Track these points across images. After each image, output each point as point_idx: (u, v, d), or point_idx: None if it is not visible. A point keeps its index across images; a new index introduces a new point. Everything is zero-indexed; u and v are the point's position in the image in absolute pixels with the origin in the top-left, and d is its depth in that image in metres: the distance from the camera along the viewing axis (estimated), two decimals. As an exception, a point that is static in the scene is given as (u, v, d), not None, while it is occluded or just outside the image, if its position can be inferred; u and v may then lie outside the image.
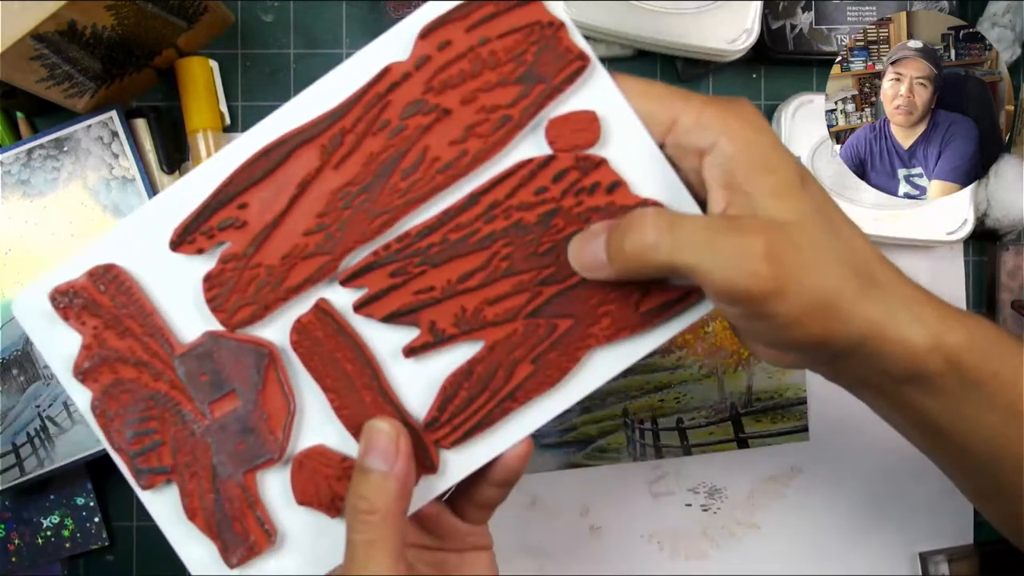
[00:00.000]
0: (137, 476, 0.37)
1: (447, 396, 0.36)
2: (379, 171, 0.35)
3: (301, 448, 0.37)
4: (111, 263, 0.36)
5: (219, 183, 0.36)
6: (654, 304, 0.35)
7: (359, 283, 0.36)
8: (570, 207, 0.35)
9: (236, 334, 0.36)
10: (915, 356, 0.32)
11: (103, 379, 0.37)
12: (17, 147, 0.53)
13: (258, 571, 0.37)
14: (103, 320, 0.36)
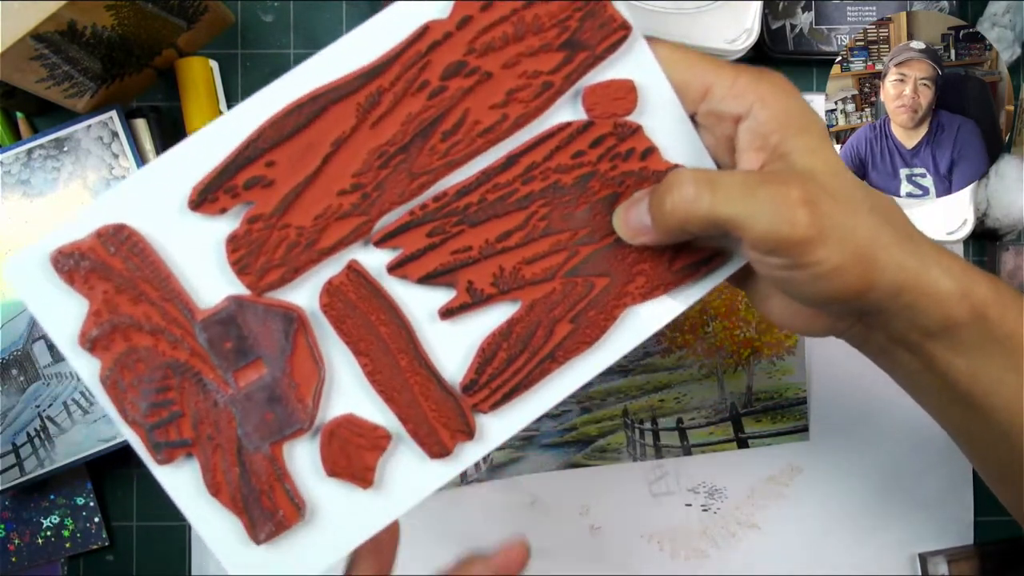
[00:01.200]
0: (154, 451, 0.35)
1: (486, 357, 0.35)
2: (418, 132, 0.34)
3: (331, 417, 0.35)
4: (122, 223, 0.34)
5: (243, 139, 0.34)
6: (687, 262, 0.36)
7: (394, 243, 0.35)
8: (605, 171, 0.35)
9: (263, 298, 0.35)
10: (945, 306, 0.32)
11: (115, 347, 0.34)
12: (17, 147, 0.54)
13: (286, 546, 0.35)
14: (114, 284, 0.34)
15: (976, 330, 0.33)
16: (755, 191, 0.31)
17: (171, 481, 0.36)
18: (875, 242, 0.31)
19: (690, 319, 0.57)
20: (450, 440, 0.35)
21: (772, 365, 0.57)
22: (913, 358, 0.35)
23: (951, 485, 0.58)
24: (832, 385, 0.58)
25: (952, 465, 0.58)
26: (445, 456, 0.36)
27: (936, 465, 0.58)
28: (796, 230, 0.30)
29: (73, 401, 0.53)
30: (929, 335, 0.34)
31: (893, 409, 0.58)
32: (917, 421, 0.58)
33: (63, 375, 0.53)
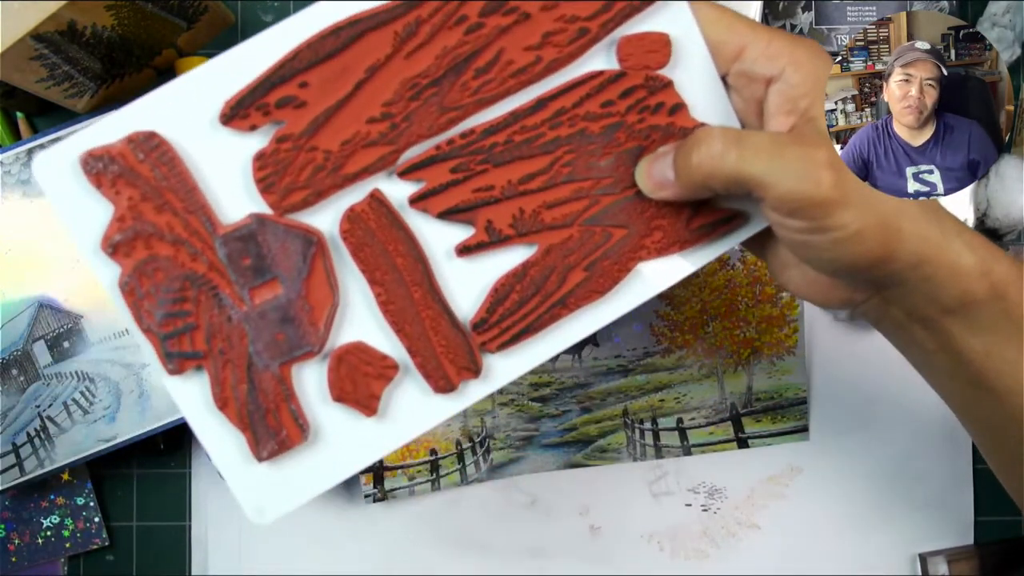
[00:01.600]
0: (166, 360, 0.35)
1: (498, 297, 0.36)
2: (452, 66, 0.34)
3: (341, 343, 0.36)
4: (153, 131, 0.34)
5: (279, 57, 0.34)
6: (705, 221, 0.36)
7: (418, 175, 0.35)
8: (633, 123, 0.35)
9: (284, 218, 0.35)
10: (965, 281, 0.32)
11: (136, 254, 0.34)
12: (17, 147, 0.53)
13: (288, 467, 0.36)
14: (140, 191, 0.34)
15: (994, 310, 0.33)
16: (782, 151, 0.31)
17: (180, 392, 0.35)
18: (899, 211, 0.31)
19: (690, 319, 0.57)
20: (456, 376, 0.36)
21: (772, 365, 0.57)
22: (929, 335, 0.35)
23: (951, 485, 0.58)
24: (832, 385, 0.58)
25: (952, 465, 0.58)
26: (450, 391, 0.36)
27: (936, 465, 0.58)
28: (820, 190, 0.30)
29: (73, 401, 0.53)
30: (947, 311, 0.34)
31: (893, 409, 0.58)
32: (917, 421, 0.58)
33: (63, 375, 0.53)
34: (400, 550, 0.58)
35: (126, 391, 0.53)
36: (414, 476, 0.56)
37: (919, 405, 0.57)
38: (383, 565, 0.58)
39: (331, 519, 0.58)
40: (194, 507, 0.58)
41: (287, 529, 0.58)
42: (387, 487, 0.56)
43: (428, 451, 0.56)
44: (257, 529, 0.58)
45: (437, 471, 0.56)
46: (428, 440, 0.56)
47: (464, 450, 0.57)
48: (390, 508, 0.58)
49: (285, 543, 0.58)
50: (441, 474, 0.56)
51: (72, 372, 0.54)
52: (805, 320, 0.57)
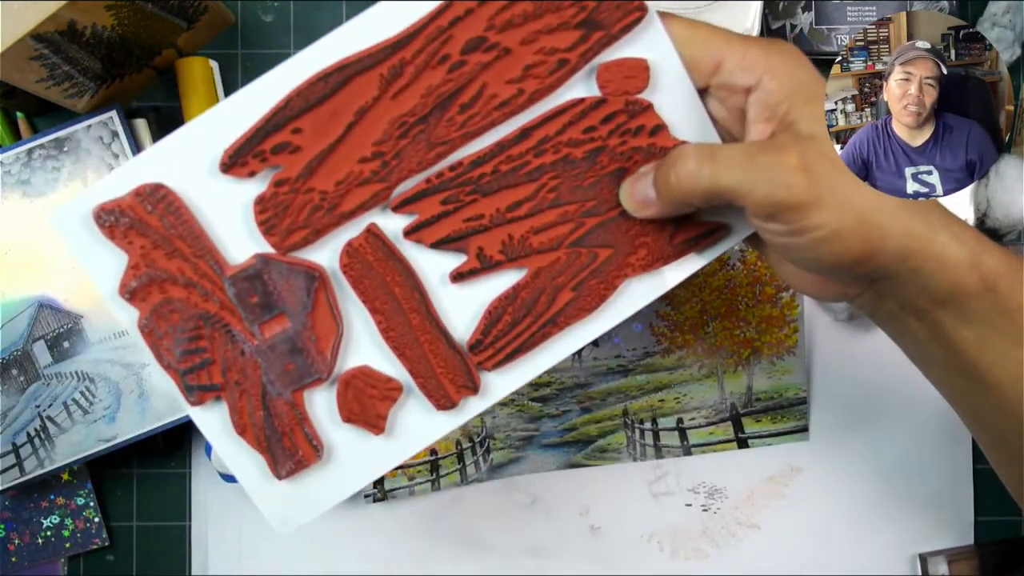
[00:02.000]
0: (187, 393, 0.37)
1: (492, 320, 0.38)
2: (437, 103, 0.36)
3: (348, 368, 0.38)
4: (159, 183, 0.36)
5: (272, 106, 0.35)
6: (687, 236, 0.37)
7: (411, 209, 0.37)
8: (615, 146, 0.36)
9: (287, 257, 0.37)
10: (955, 273, 0.33)
11: (151, 298, 0.37)
12: (17, 147, 0.53)
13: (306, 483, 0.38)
14: (151, 240, 0.36)
15: (985, 301, 0.33)
16: (752, 160, 0.32)
17: (203, 421, 0.38)
18: (879, 207, 0.32)
19: (690, 319, 0.57)
20: (455, 394, 0.38)
21: (772, 365, 0.57)
22: (922, 327, 0.35)
23: (951, 485, 0.58)
24: (832, 385, 0.58)
25: (952, 465, 0.58)
26: (451, 408, 0.38)
27: (936, 465, 0.58)
28: (792, 194, 0.31)
29: (73, 401, 0.53)
30: (938, 302, 0.34)
31: (893, 409, 0.58)
32: (917, 421, 0.58)
33: (63, 375, 0.53)
34: (400, 550, 0.58)
35: (126, 391, 0.53)
36: (414, 476, 0.56)
37: (919, 405, 0.57)
38: (383, 565, 0.58)
39: (331, 519, 0.58)
40: (194, 507, 0.58)
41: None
42: (387, 487, 0.56)
43: (428, 451, 0.56)
44: (257, 529, 0.58)
45: (437, 471, 0.56)
46: (428, 440, 0.56)
47: (464, 450, 0.57)
48: (390, 508, 0.58)
49: (285, 543, 0.58)
50: (441, 474, 0.56)
51: (72, 372, 0.54)
52: (805, 320, 0.57)
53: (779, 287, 0.56)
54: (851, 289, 0.36)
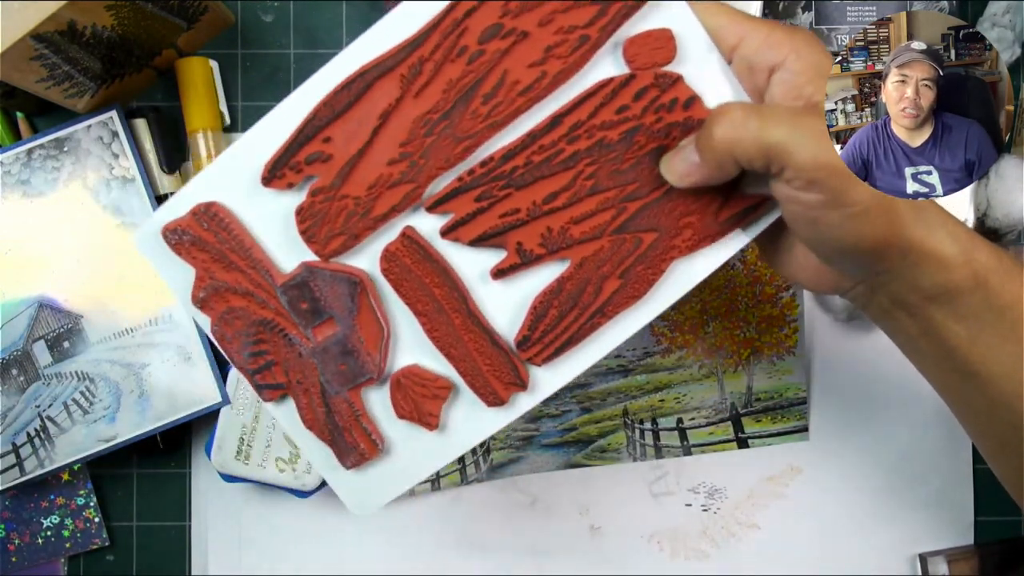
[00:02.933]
0: (259, 391, 0.40)
1: (538, 314, 0.37)
2: (459, 97, 0.36)
3: (398, 367, 0.39)
4: (211, 201, 0.38)
5: (303, 118, 0.36)
6: (733, 211, 0.36)
7: (445, 208, 0.37)
8: (651, 124, 0.35)
9: (330, 263, 0.38)
10: (948, 269, 0.33)
11: (217, 307, 0.39)
12: (17, 147, 0.53)
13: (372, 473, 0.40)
14: (210, 254, 0.39)
15: (977, 298, 0.34)
16: (802, 119, 0.31)
17: (279, 415, 0.40)
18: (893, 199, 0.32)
19: (690, 319, 0.57)
20: (504, 391, 0.38)
21: (772, 365, 0.57)
22: (914, 322, 0.35)
23: (951, 485, 0.58)
24: (832, 385, 0.58)
25: (952, 465, 0.58)
26: (500, 405, 0.38)
27: (936, 465, 0.58)
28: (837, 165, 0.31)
29: (73, 401, 0.53)
30: (930, 299, 0.34)
31: (893, 409, 0.58)
32: (917, 421, 0.58)
33: (63, 375, 0.54)
34: (400, 550, 0.58)
35: (126, 391, 0.53)
36: (414, 476, 0.56)
37: (919, 405, 0.57)
38: (383, 565, 0.58)
39: (331, 519, 0.58)
40: (194, 507, 0.58)
41: (287, 529, 0.58)
42: (387, 487, 0.56)
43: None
44: (257, 529, 0.58)
45: (437, 471, 0.56)
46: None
47: (464, 450, 0.57)
48: (390, 508, 0.58)
49: (285, 543, 0.58)
50: (441, 474, 0.56)
51: (72, 372, 0.54)
52: (805, 320, 0.57)
53: (779, 287, 0.56)
54: (845, 282, 0.36)
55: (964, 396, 0.37)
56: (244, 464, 0.54)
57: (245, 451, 0.54)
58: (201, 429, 0.58)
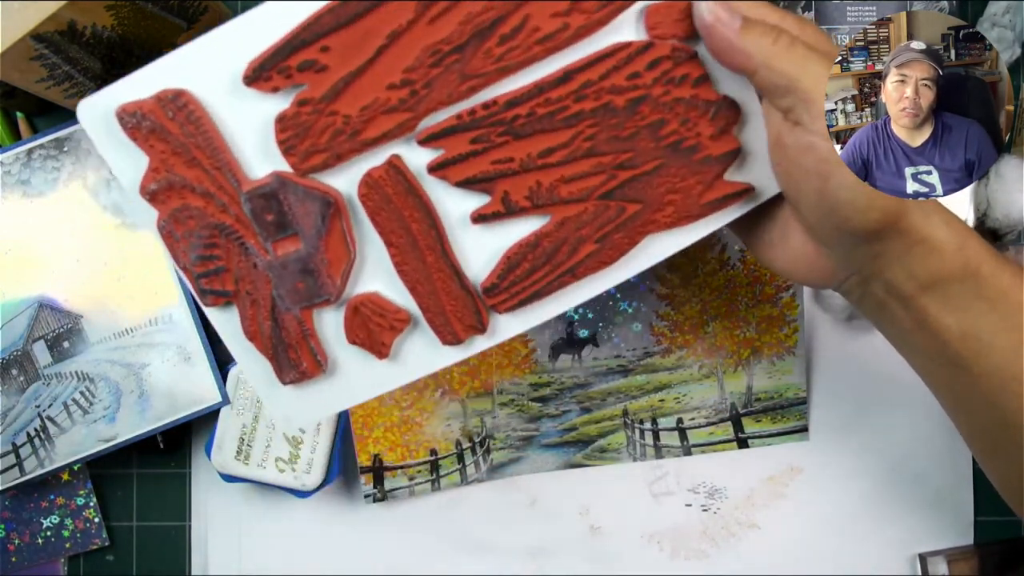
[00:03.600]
0: (201, 295, 0.38)
1: (510, 265, 0.37)
2: (475, 32, 0.34)
3: (357, 293, 0.38)
4: (182, 89, 0.35)
5: (302, 20, 0.34)
6: (716, 195, 0.36)
7: (437, 144, 0.36)
8: (658, 96, 0.35)
9: (305, 179, 0.36)
10: (942, 255, 0.33)
11: (170, 202, 0.37)
12: (17, 147, 0.53)
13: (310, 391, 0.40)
14: (171, 146, 0.36)
15: (969, 287, 0.34)
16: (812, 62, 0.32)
17: (217, 321, 0.39)
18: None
19: (690, 319, 0.57)
20: (463, 332, 0.38)
21: (772, 365, 0.57)
22: (907, 314, 0.36)
23: (951, 485, 0.58)
24: (832, 385, 0.58)
25: (952, 465, 0.58)
26: (456, 344, 0.38)
27: (936, 465, 0.58)
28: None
29: (73, 401, 0.53)
30: (923, 288, 0.34)
31: (893, 409, 0.58)
32: (917, 421, 0.58)
33: (63, 375, 0.54)
34: (400, 550, 0.58)
35: (126, 391, 0.53)
36: (414, 476, 0.56)
37: (919, 405, 0.57)
38: (383, 565, 0.58)
39: (331, 519, 0.58)
40: (194, 507, 0.58)
41: (287, 529, 0.58)
42: (387, 487, 0.56)
43: (428, 451, 0.56)
44: (257, 529, 0.58)
45: (437, 471, 0.56)
46: (428, 440, 0.56)
47: (464, 450, 0.57)
48: (390, 508, 0.58)
49: (285, 543, 0.58)
50: (441, 474, 0.56)
51: (72, 372, 0.54)
52: (805, 320, 0.57)
53: (779, 287, 0.56)
54: (839, 271, 0.36)
55: (956, 392, 0.37)
56: (244, 464, 0.54)
57: (245, 451, 0.54)
58: (201, 429, 0.58)
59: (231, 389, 0.54)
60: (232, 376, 0.54)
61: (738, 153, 0.36)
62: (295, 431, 0.53)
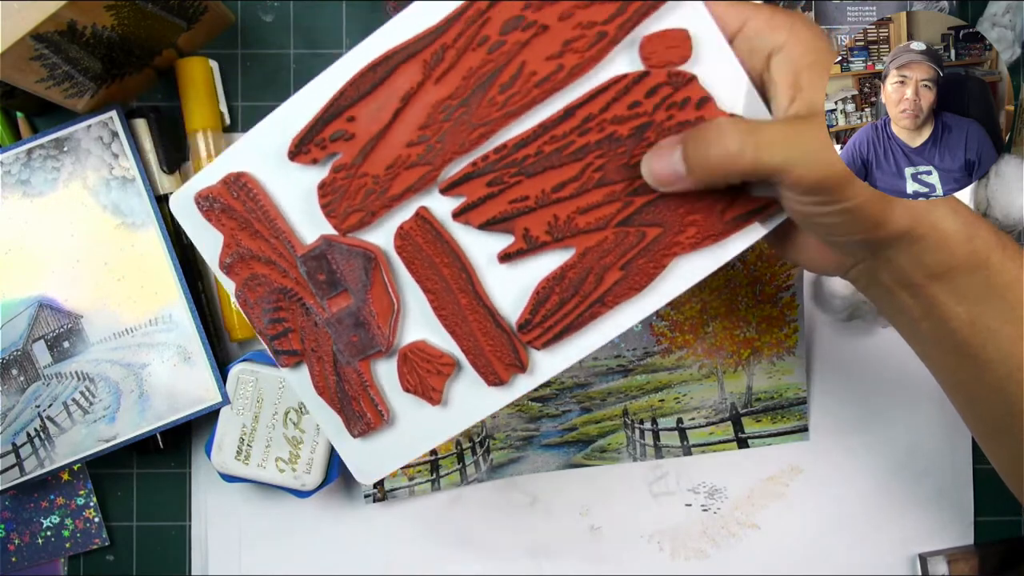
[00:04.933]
0: (276, 356, 0.42)
1: (540, 299, 0.38)
2: (478, 85, 0.37)
3: (406, 342, 0.41)
4: (242, 171, 0.40)
5: (330, 97, 0.38)
6: (739, 212, 0.36)
7: (458, 192, 0.38)
8: (661, 121, 0.36)
9: (347, 238, 0.40)
10: (950, 244, 0.34)
11: (242, 273, 0.41)
12: (17, 147, 0.53)
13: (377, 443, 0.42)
14: (237, 222, 0.41)
15: (978, 277, 0.34)
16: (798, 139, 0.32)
17: (294, 381, 0.43)
18: None
19: (690, 319, 0.57)
20: (504, 371, 0.39)
21: (772, 365, 0.57)
22: (915, 303, 0.36)
23: (951, 485, 0.58)
24: (832, 385, 0.58)
25: (952, 465, 0.58)
26: (500, 385, 0.40)
27: (936, 465, 0.58)
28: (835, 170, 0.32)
29: (73, 401, 0.53)
30: (932, 277, 0.34)
31: (893, 409, 0.58)
32: (917, 421, 0.58)
33: (63, 375, 0.53)
34: (400, 550, 0.58)
35: (126, 391, 0.53)
36: (414, 476, 0.56)
37: (919, 405, 0.57)
38: (383, 565, 0.58)
39: (331, 519, 0.58)
40: (194, 507, 0.58)
41: (287, 529, 0.58)
42: (387, 487, 0.56)
43: (428, 451, 0.56)
44: (257, 529, 0.58)
45: (437, 471, 0.56)
46: (428, 440, 0.56)
47: (464, 450, 0.57)
48: (390, 508, 0.58)
49: (285, 543, 0.58)
50: (441, 474, 0.56)
51: (72, 372, 0.54)
52: (805, 320, 0.57)
53: (779, 287, 0.56)
54: (848, 260, 0.37)
55: (962, 380, 0.38)
56: (244, 464, 0.54)
57: (245, 451, 0.54)
58: (201, 429, 0.58)
59: (231, 389, 0.54)
60: (232, 376, 0.54)
61: None
62: (294, 432, 0.53)
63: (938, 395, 0.48)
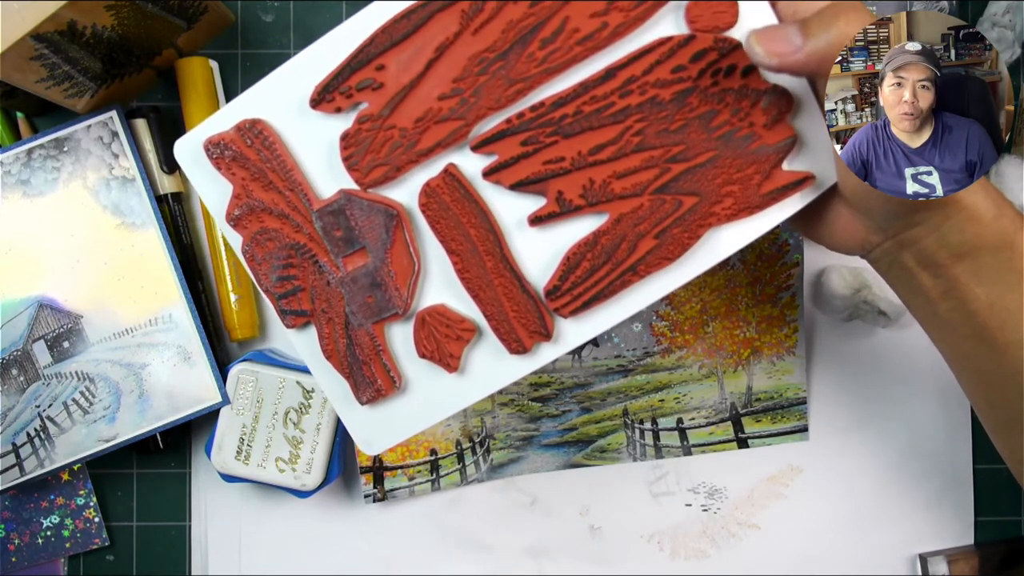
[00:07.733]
0: (282, 316, 0.40)
1: (570, 265, 0.37)
2: (518, 39, 0.36)
3: (424, 306, 0.39)
4: (257, 118, 0.38)
5: (359, 43, 0.36)
6: (775, 185, 0.36)
7: (490, 150, 0.37)
8: (706, 87, 0.35)
9: (368, 193, 0.38)
10: (980, 223, 0.34)
11: (251, 226, 0.39)
12: (17, 147, 0.53)
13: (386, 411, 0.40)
14: (250, 172, 0.39)
15: (1001, 258, 0.34)
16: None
17: (299, 342, 0.41)
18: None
19: (690, 319, 0.57)
20: (528, 339, 0.38)
21: (772, 365, 0.57)
22: (936, 283, 0.36)
23: (951, 485, 0.58)
24: (832, 385, 0.58)
25: (952, 465, 0.58)
26: (523, 353, 0.38)
27: (936, 465, 0.58)
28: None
29: (73, 401, 0.53)
30: (957, 256, 0.34)
31: (893, 409, 0.58)
32: (917, 421, 0.58)
33: (63, 375, 0.53)
34: (400, 550, 0.58)
35: (126, 391, 0.53)
36: (414, 476, 0.56)
37: (919, 405, 0.57)
38: (383, 565, 0.58)
39: (331, 519, 0.58)
40: (194, 507, 0.58)
41: (287, 529, 0.58)
42: (387, 487, 0.56)
43: (428, 451, 0.56)
44: (257, 529, 0.58)
45: (437, 471, 0.56)
46: (428, 440, 0.56)
47: (464, 450, 0.57)
48: (390, 508, 0.58)
49: (285, 543, 0.58)
50: (441, 474, 0.56)
51: (72, 372, 0.54)
52: (805, 320, 0.57)
53: (779, 287, 0.56)
54: (875, 236, 0.36)
55: (977, 364, 0.37)
56: (244, 464, 0.54)
57: (245, 451, 0.54)
58: (201, 429, 0.58)
59: (231, 389, 0.54)
60: (232, 376, 0.54)
61: (795, 141, 0.36)
62: (294, 432, 0.53)
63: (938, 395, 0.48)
